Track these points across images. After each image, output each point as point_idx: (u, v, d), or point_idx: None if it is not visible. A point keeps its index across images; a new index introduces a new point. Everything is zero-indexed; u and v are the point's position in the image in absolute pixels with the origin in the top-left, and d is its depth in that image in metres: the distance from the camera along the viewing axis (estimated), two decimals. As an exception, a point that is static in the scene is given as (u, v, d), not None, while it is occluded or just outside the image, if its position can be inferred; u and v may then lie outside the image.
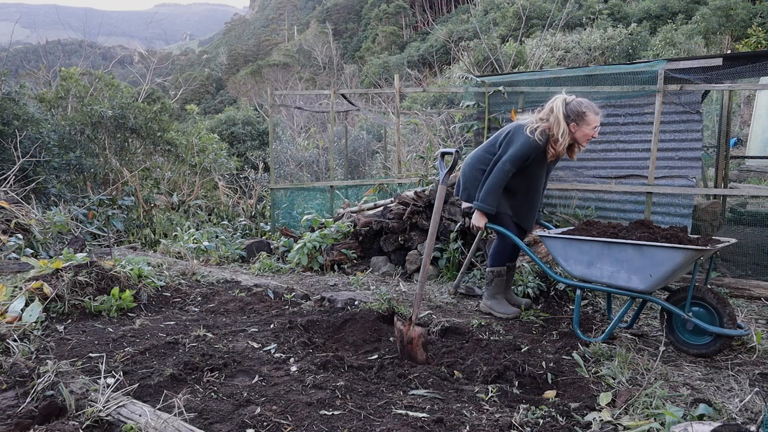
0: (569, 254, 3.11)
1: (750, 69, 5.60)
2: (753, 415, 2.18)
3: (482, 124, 6.06)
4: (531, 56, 20.20)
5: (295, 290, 4.13)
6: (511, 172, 3.34)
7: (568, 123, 3.24)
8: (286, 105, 14.30)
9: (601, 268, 2.97)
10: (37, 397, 2.16)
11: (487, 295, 3.67)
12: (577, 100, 3.28)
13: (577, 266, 3.09)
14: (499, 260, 3.64)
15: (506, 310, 3.58)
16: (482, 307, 3.69)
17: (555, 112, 3.26)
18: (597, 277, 3.01)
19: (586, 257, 3.02)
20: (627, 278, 2.87)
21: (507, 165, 3.32)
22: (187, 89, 25.72)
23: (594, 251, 2.97)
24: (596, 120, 3.26)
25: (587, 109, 3.24)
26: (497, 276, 3.62)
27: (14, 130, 7.37)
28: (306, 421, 2.04)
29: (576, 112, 3.23)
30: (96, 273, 3.56)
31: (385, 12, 58.28)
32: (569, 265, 3.13)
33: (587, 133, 3.27)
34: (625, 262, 2.85)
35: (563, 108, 3.25)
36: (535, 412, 2.15)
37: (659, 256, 2.72)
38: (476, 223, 3.41)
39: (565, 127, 3.23)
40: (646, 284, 2.81)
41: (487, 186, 3.36)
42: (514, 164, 3.31)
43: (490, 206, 3.35)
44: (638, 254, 2.79)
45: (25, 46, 57.94)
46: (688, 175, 5.33)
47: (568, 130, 3.24)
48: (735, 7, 22.65)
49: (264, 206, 10.10)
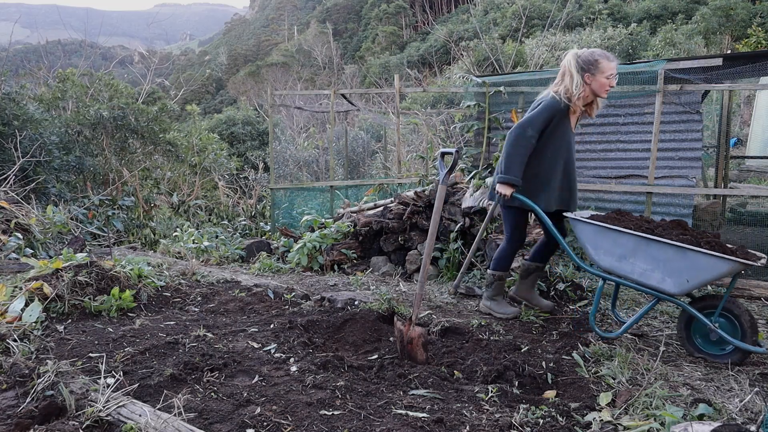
0: (600, 243, 2.94)
1: (750, 69, 5.61)
2: (753, 415, 2.18)
3: (482, 124, 6.05)
4: (531, 56, 20.20)
5: (295, 290, 4.13)
6: (534, 138, 3.11)
7: (582, 74, 3.10)
8: (286, 105, 14.30)
9: (633, 264, 2.83)
10: (37, 397, 2.16)
11: (486, 296, 3.62)
12: (589, 50, 3.14)
13: (606, 257, 2.93)
14: (502, 265, 3.55)
15: (505, 310, 3.53)
16: (481, 307, 3.65)
17: (567, 66, 3.13)
18: (626, 272, 2.87)
19: (619, 250, 2.87)
20: (660, 279, 2.75)
21: (527, 129, 3.09)
22: (188, 89, 25.72)
23: (629, 245, 2.81)
24: (611, 67, 3.10)
25: (600, 57, 3.10)
26: (498, 279, 3.56)
27: (14, 131, 7.37)
28: (306, 421, 2.04)
29: (588, 61, 3.09)
30: (96, 273, 3.56)
31: (385, 12, 58.30)
32: (598, 254, 2.96)
33: (603, 83, 3.10)
34: (663, 263, 2.72)
35: (575, 61, 3.12)
36: (535, 412, 2.15)
37: (703, 263, 2.59)
38: (501, 191, 3.18)
39: (578, 79, 3.09)
40: (679, 288, 2.71)
41: (507, 154, 3.13)
42: (534, 127, 3.10)
43: (515, 176, 3.11)
44: (679, 257, 2.66)
45: (25, 46, 57.97)
46: (688, 175, 5.33)
47: (582, 81, 3.09)
48: (735, 7, 22.66)
49: (264, 206, 10.11)
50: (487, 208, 4.64)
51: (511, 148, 3.12)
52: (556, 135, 3.18)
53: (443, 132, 11.11)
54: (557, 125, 3.17)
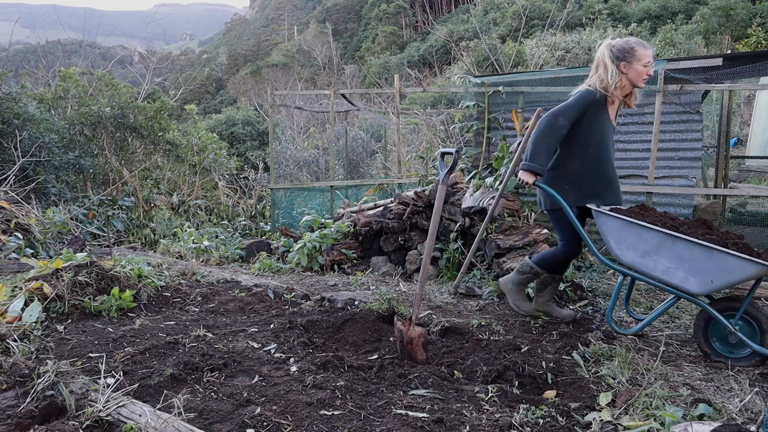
0: (624, 238, 2.85)
1: (750, 69, 5.61)
2: (753, 415, 2.18)
3: (482, 124, 6.06)
4: (531, 56, 20.20)
5: (295, 290, 4.13)
6: (565, 128, 2.98)
7: (618, 63, 2.99)
8: (286, 105, 14.31)
9: (656, 261, 2.75)
10: (37, 397, 2.16)
11: (511, 279, 3.45)
12: (623, 39, 3.04)
13: (629, 252, 2.85)
14: (549, 266, 3.35)
15: (521, 304, 3.39)
16: (501, 283, 3.51)
17: (600, 57, 3.03)
18: (648, 269, 2.80)
19: (643, 246, 2.79)
20: (683, 278, 2.68)
21: (559, 118, 2.97)
22: (187, 89, 25.75)
23: (654, 241, 2.74)
24: (647, 54, 2.98)
25: (636, 44, 2.99)
26: (533, 274, 3.37)
27: (14, 130, 7.37)
28: (306, 421, 2.04)
29: (624, 49, 2.99)
30: (96, 273, 3.56)
31: (385, 12, 58.30)
32: (620, 249, 2.88)
33: (640, 71, 2.99)
34: (688, 262, 2.65)
35: (608, 51, 3.02)
36: (535, 412, 2.15)
37: (731, 265, 2.53)
38: (524, 178, 3.05)
39: (613, 69, 2.98)
40: (703, 289, 2.64)
41: (534, 142, 3.00)
42: (566, 116, 2.97)
43: (540, 164, 2.98)
44: (706, 257, 2.59)
45: (25, 46, 57.98)
46: (688, 175, 5.33)
47: (617, 71, 2.99)
48: (735, 7, 22.67)
49: (264, 206, 10.11)
50: (487, 208, 4.63)
51: (539, 135, 3.00)
52: (593, 127, 3.07)
53: (443, 132, 11.11)
54: (594, 117, 3.06)
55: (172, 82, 30.65)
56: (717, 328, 2.81)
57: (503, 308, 3.83)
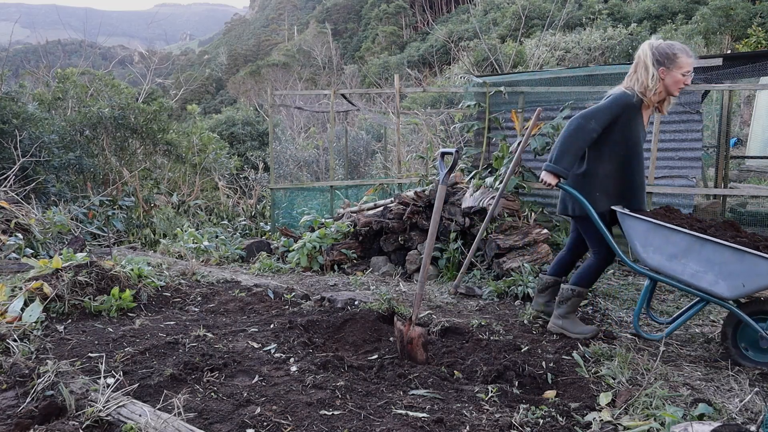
0: (651, 241, 2.77)
1: (750, 69, 5.61)
2: (753, 415, 2.18)
3: (483, 124, 6.06)
4: (531, 56, 20.21)
5: (295, 290, 4.13)
6: (596, 132, 2.85)
7: (657, 68, 2.85)
8: (286, 105, 14.31)
9: (684, 264, 2.68)
10: (37, 397, 2.16)
11: (558, 314, 3.21)
12: (667, 42, 2.91)
13: (655, 255, 2.77)
14: (588, 280, 3.18)
15: (582, 329, 3.15)
16: (552, 327, 3.23)
17: (642, 57, 2.89)
18: (676, 272, 2.72)
19: (671, 248, 2.71)
20: (713, 281, 2.61)
21: (590, 121, 2.84)
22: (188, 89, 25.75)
23: (683, 244, 2.66)
24: (689, 63, 2.86)
25: (679, 51, 2.85)
26: (577, 296, 3.16)
27: (14, 130, 7.37)
28: (306, 421, 2.04)
29: (665, 54, 2.85)
30: (96, 273, 3.56)
31: (385, 12, 58.29)
32: (647, 252, 2.80)
33: (678, 79, 2.86)
34: (718, 265, 2.58)
35: (651, 52, 2.87)
36: (535, 412, 2.15)
37: (763, 268, 2.46)
38: (546, 179, 2.92)
39: (654, 72, 2.84)
40: (733, 293, 2.58)
41: (562, 143, 2.86)
42: (598, 120, 2.84)
43: (565, 168, 2.86)
44: (737, 260, 2.52)
45: (25, 46, 57.98)
46: (688, 175, 5.33)
47: (657, 75, 2.85)
48: (735, 7, 22.66)
49: (264, 206, 10.11)
50: (487, 208, 4.63)
51: (567, 137, 2.86)
52: (626, 132, 2.93)
53: (443, 132, 11.11)
54: (628, 122, 2.92)
55: (173, 82, 30.65)
56: (746, 333, 2.73)
57: (503, 308, 3.83)
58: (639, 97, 2.90)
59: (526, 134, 4.28)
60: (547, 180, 2.92)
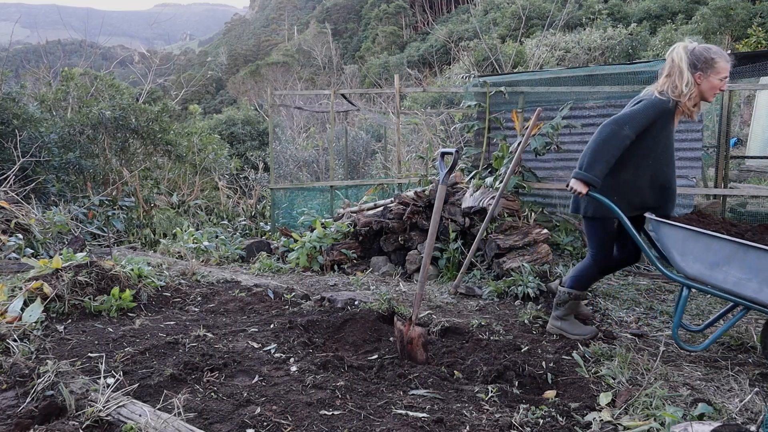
0: (690, 249, 2.65)
1: (750, 69, 5.61)
2: (753, 415, 2.18)
3: (483, 124, 6.06)
4: (531, 56, 20.21)
5: (295, 290, 4.14)
6: (629, 139, 2.71)
7: (693, 72, 2.73)
8: (286, 105, 14.32)
9: (726, 272, 2.57)
10: (37, 397, 2.16)
11: (556, 315, 3.20)
12: (703, 45, 2.78)
13: (695, 264, 2.66)
14: (582, 283, 3.13)
15: (581, 331, 3.13)
16: (550, 328, 3.22)
17: (676, 61, 2.75)
18: (718, 281, 2.61)
19: (712, 257, 2.59)
20: (757, 289, 2.51)
21: (624, 128, 2.69)
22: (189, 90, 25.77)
23: (725, 252, 2.54)
24: (726, 68, 2.74)
25: (717, 56, 2.73)
26: (573, 299, 3.13)
27: (14, 130, 7.37)
28: (306, 421, 2.04)
29: (703, 58, 2.72)
30: (96, 273, 3.56)
31: (385, 12, 58.30)
32: (685, 261, 2.68)
33: (715, 85, 2.75)
34: (763, 272, 2.47)
35: (686, 56, 2.74)
36: (535, 412, 2.15)
37: None
38: (576, 187, 2.79)
39: (689, 77, 2.72)
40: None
41: (593, 151, 2.72)
42: (633, 126, 2.70)
43: (597, 177, 2.71)
44: None
45: (25, 46, 58.00)
46: (688, 175, 5.33)
47: (693, 80, 2.72)
48: (735, 7, 22.67)
49: (264, 206, 10.11)
50: (487, 208, 4.63)
51: (599, 144, 2.72)
52: (658, 138, 2.81)
53: (443, 132, 11.12)
54: (662, 127, 2.79)
55: (173, 82, 30.66)
56: None
57: (503, 308, 3.83)
58: (675, 102, 2.77)
59: (526, 134, 4.28)
60: (577, 188, 2.79)
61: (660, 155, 2.85)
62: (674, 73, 2.77)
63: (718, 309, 3.73)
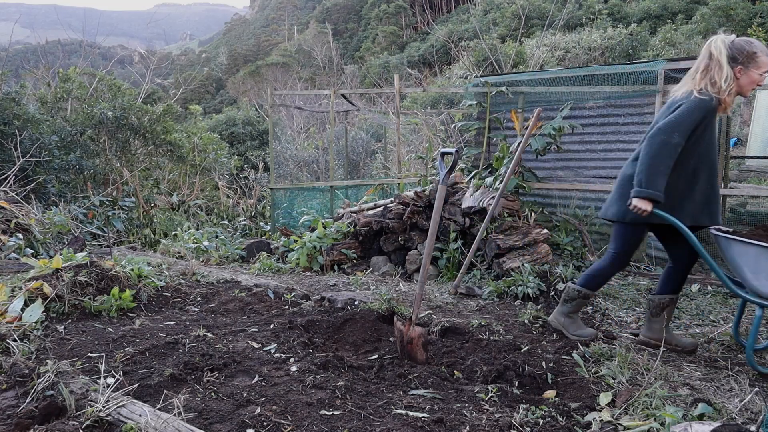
0: (763, 267, 2.49)
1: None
2: (753, 415, 2.18)
3: (483, 124, 6.06)
4: (531, 56, 20.22)
5: (295, 290, 4.14)
6: (680, 146, 2.59)
7: (733, 66, 2.63)
8: (286, 105, 14.31)
9: None
10: (37, 397, 2.16)
11: (561, 311, 3.14)
12: (743, 38, 2.67)
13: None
14: (595, 283, 3.03)
15: (582, 332, 3.07)
16: (552, 322, 3.18)
17: (715, 54, 2.64)
18: None
19: None
20: None
21: (673, 135, 2.57)
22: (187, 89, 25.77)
23: None
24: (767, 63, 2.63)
25: (758, 50, 2.62)
26: (582, 298, 3.05)
27: (14, 130, 7.37)
28: (306, 421, 2.04)
29: (745, 52, 2.62)
30: (96, 273, 3.56)
31: (385, 12, 58.29)
32: (758, 279, 2.53)
33: (754, 79, 2.64)
34: None
35: (726, 49, 2.63)
36: (535, 412, 2.15)
37: None
38: (640, 206, 2.63)
39: (729, 72, 2.61)
40: None
41: (649, 165, 2.59)
42: (681, 131, 2.58)
43: (659, 190, 2.58)
44: None
45: (24, 46, 57.93)
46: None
47: (732, 75, 2.62)
48: (735, 7, 22.67)
49: (264, 206, 10.11)
50: (487, 208, 4.63)
51: (654, 156, 2.59)
52: (703, 138, 2.69)
53: (443, 132, 11.12)
54: (705, 128, 2.68)
55: (173, 82, 30.65)
56: None
57: (503, 308, 3.83)
58: (717, 99, 2.65)
59: (526, 134, 4.28)
60: (642, 207, 2.63)
61: (704, 157, 2.72)
62: (712, 68, 2.65)
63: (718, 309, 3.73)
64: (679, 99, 2.71)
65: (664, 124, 2.63)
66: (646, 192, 2.60)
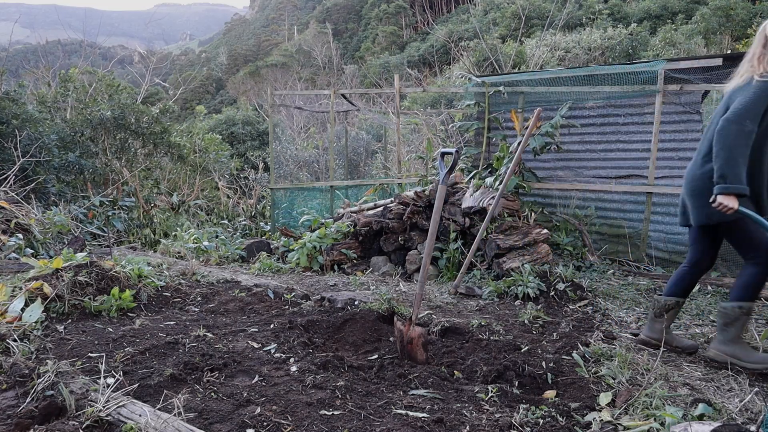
0: None
1: (750, 69, 5.58)
2: (753, 415, 2.18)
3: (482, 124, 6.06)
4: (531, 56, 20.21)
5: (295, 290, 4.13)
6: (754, 132, 2.47)
7: None
8: (286, 105, 14.32)
9: None
10: (37, 397, 2.16)
11: (723, 340, 2.71)
12: None
13: None
14: (753, 293, 2.67)
15: (757, 359, 2.62)
16: (716, 355, 2.72)
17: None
18: None
19: None
20: None
21: (746, 123, 2.46)
22: (187, 89, 25.76)
23: None
24: None
25: None
26: (745, 314, 2.66)
27: (14, 130, 7.37)
28: (306, 421, 2.04)
29: None
30: (96, 273, 3.56)
31: (385, 12, 58.29)
32: None
33: None
34: None
35: None
36: (535, 412, 2.15)
37: None
38: (727, 203, 2.45)
39: None
40: None
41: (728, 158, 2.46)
42: (753, 117, 2.47)
43: (742, 183, 2.44)
44: None
45: (25, 46, 57.97)
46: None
47: None
48: (735, 7, 22.66)
49: (264, 206, 10.11)
50: (487, 208, 4.63)
51: (731, 147, 2.46)
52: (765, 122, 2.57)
53: (443, 132, 11.12)
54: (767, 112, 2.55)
55: (172, 82, 30.66)
56: None
57: (503, 308, 3.83)
58: None
59: (526, 134, 4.28)
60: (728, 204, 2.45)
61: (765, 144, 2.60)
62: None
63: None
64: (738, 85, 2.63)
65: (732, 113, 2.52)
66: (728, 187, 2.46)
